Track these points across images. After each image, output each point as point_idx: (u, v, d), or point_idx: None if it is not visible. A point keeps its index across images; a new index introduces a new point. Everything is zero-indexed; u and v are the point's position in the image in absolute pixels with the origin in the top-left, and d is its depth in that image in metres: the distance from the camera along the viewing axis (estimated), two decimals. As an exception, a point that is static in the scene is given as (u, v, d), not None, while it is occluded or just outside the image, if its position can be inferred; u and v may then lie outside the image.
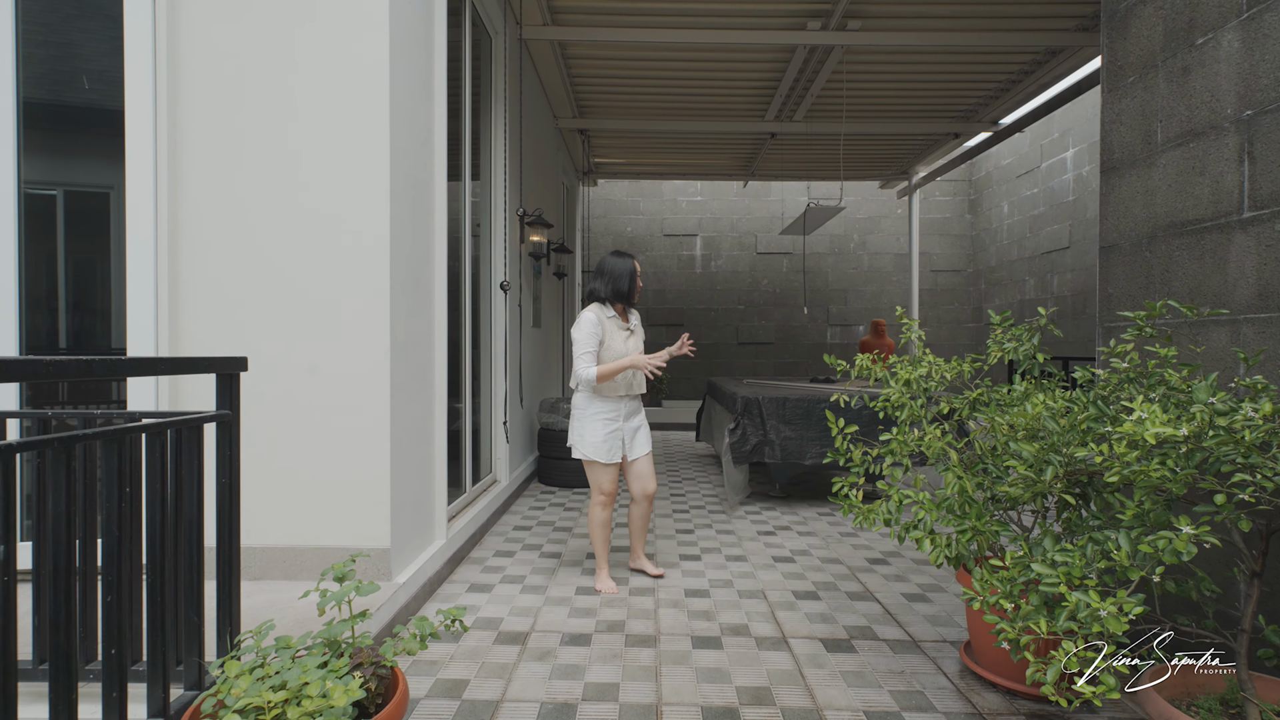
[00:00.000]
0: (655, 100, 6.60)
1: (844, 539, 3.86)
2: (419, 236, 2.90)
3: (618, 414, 3.01)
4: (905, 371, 2.26)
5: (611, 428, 2.99)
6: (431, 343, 3.04)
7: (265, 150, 2.52)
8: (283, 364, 2.54)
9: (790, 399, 4.49)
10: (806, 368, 10.80)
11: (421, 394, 2.92)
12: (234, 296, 2.53)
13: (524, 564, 3.35)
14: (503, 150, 4.46)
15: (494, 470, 4.47)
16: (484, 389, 4.42)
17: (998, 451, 1.92)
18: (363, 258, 2.53)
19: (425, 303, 2.97)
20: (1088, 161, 7.99)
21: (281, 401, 2.54)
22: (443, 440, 3.09)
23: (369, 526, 2.55)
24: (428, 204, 3.00)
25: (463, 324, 3.76)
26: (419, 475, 2.89)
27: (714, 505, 4.67)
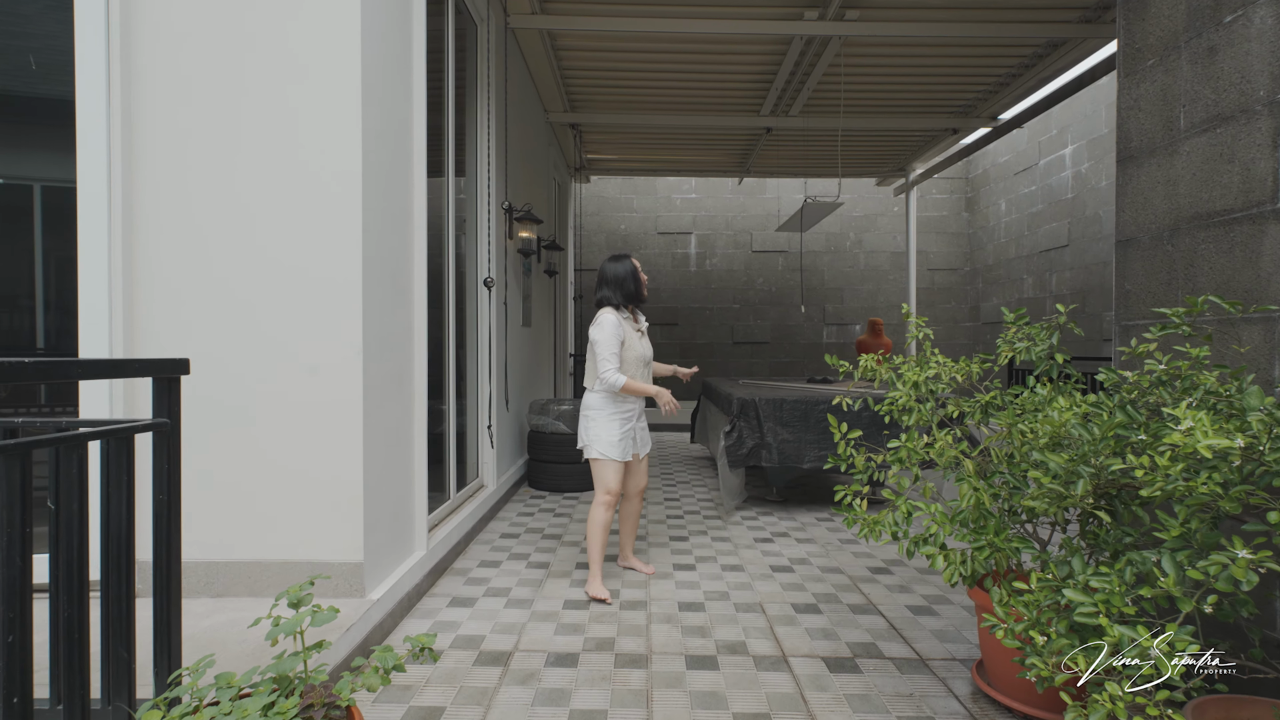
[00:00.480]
0: (648, 94, 6.45)
1: (844, 546, 3.71)
2: (396, 228, 2.73)
3: (633, 413, 3.04)
4: (913, 373, 2.11)
5: (627, 427, 3.01)
6: (411, 341, 2.88)
7: (224, 134, 2.35)
8: (245, 364, 2.37)
9: (788, 400, 4.35)
10: (803, 367, 10.67)
11: (400, 395, 2.75)
12: (182, 292, 2.36)
13: (510, 575, 3.19)
14: (489, 143, 4.30)
15: (481, 475, 4.30)
16: (470, 390, 4.26)
17: (1015, 460, 1.78)
18: (332, 248, 2.37)
19: (403, 298, 2.80)
20: (1087, 158, 7.88)
21: (244, 405, 2.37)
22: (423, 445, 2.93)
23: (340, 539, 2.38)
24: (405, 195, 2.84)
25: (445, 322, 3.60)
26: (397, 483, 2.72)
27: (709, 510, 4.51)
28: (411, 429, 2.88)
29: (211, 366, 2.36)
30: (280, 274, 2.37)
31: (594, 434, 2.97)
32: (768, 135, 7.35)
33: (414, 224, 2.91)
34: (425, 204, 2.94)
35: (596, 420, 2.98)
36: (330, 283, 2.37)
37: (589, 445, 2.99)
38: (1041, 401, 1.79)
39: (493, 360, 4.27)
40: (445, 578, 3.14)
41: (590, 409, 3.00)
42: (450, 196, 3.62)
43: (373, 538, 2.47)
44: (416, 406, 2.92)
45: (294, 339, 2.37)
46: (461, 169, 4.13)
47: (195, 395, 2.35)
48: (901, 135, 7.67)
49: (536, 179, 6.19)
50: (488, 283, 3.58)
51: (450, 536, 3.33)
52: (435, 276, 3.60)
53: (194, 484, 2.36)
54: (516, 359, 5.24)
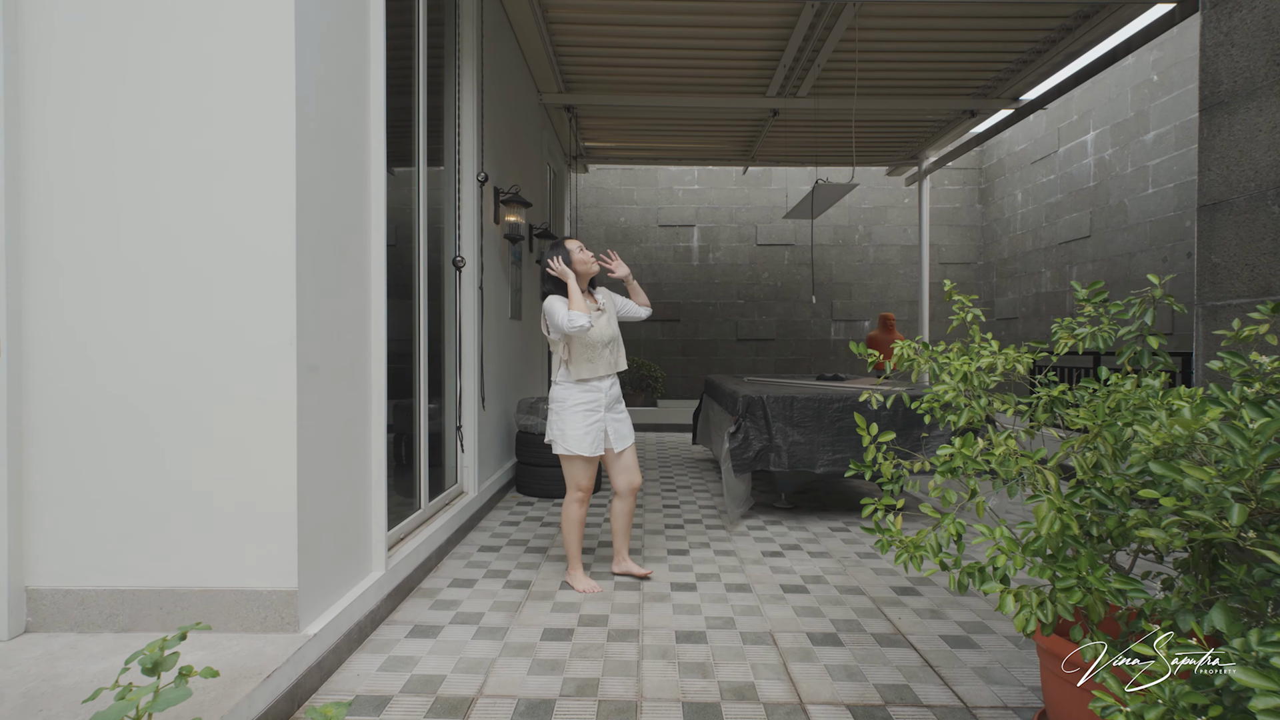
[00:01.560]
0: (647, 72, 6.05)
1: (863, 561, 3.31)
2: (347, 199, 2.34)
3: (598, 403, 2.91)
4: (962, 363, 1.71)
5: (593, 419, 2.89)
6: (366, 329, 2.49)
7: (113, 73, 1.96)
8: (147, 353, 1.98)
9: (799, 398, 3.95)
10: (810, 365, 10.26)
11: (352, 392, 2.37)
12: (63, 264, 1.97)
13: (484, 597, 2.80)
14: (472, 122, 3.91)
15: (460, 480, 3.91)
16: (450, 387, 3.87)
17: (1107, 473, 1.38)
18: (259, 210, 1.98)
19: (356, 279, 2.41)
20: (1110, 144, 7.46)
21: (146, 402, 1.98)
22: (382, 449, 2.54)
23: (269, 563, 1.99)
24: (359, 158, 2.45)
25: (416, 311, 3.21)
26: (347, 494, 2.33)
27: (712, 519, 4.12)
28: (367, 431, 2.49)
29: (107, 355, 1.97)
30: (191, 239, 1.98)
31: (558, 428, 2.90)
32: (774, 119, 6.95)
33: (371, 195, 2.52)
34: (384, 171, 2.55)
35: (560, 413, 2.90)
36: (256, 254, 1.98)
37: (554, 440, 2.92)
38: (1147, 396, 1.39)
39: (462, 353, 3.87)
40: (410, 600, 2.75)
41: (555, 401, 2.94)
42: (421, 167, 3.23)
43: (311, 560, 2.08)
44: (374, 405, 2.53)
45: (210, 322, 1.99)
46: (439, 157, 3.74)
47: (89, 389, 1.97)
48: (916, 119, 7.26)
49: (527, 163, 5.80)
50: (457, 263, 3.20)
51: (419, 552, 2.94)
52: (404, 260, 3.21)
53: (90, 495, 1.98)
54: (504, 354, 4.85)
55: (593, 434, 2.87)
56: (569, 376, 2.90)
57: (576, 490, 2.91)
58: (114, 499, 1.99)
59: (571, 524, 2.92)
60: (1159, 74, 6.72)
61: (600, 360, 2.90)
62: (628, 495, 3.02)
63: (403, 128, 3.15)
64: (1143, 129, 6.96)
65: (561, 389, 2.92)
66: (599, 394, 2.91)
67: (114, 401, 1.99)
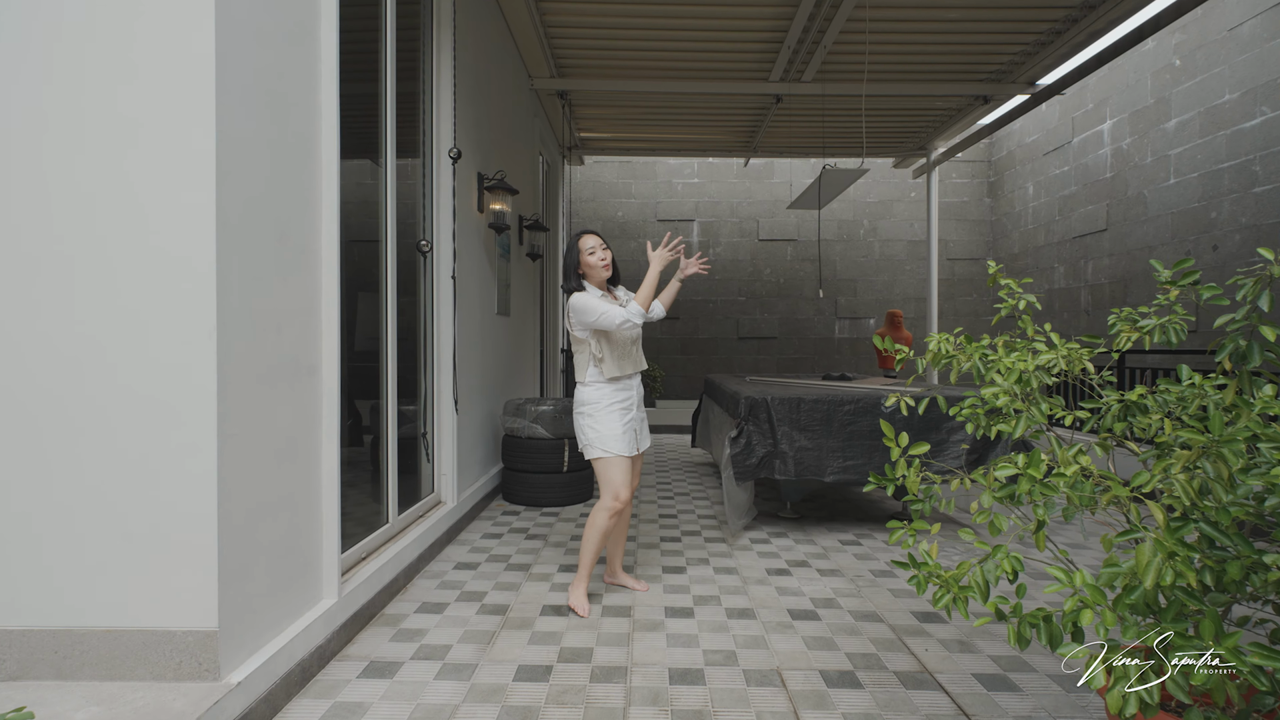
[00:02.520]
0: (644, 55, 5.72)
1: (878, 581, 3.00)
2: (289, 173, 2.03)
3: (632, 401, 2.77)
4: (1017, 359, 1.39)
5: (628, 417, 2.73)
6: (315, 324, 2.17)
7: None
8: (33, 341, 1.67)
9: (806, 400, 3.63)
10: (813, 364, 9.94)
11: (295, 397, 2.05)
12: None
13: (454, 625, 2.48)
14: (448, 95, 3.59)
15: (437, 489, 3.60)
16: (427, 388, 3.55)
17: (1215, 502, 1.06)
18: (170, 182, 1.66)
19: (302, 268, 2.10)
20: (1129, 133, 7.13)
21: (36, 404, 1.67)
22: (334, 461, 2.23)
23: (184, 598, 1.68)
24: (305, 133, 2.14)
25: (384, 305, 2.90)
26: (288, 515, 2.02)
27: (711, 530, 3.80)
28: (316, 440, 2.18)
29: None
30: (91, 211, 1.67)
31: (595, 430, 2.67)
32: (777, 106, 6.62)
33: (322, 171, 2.20)
34: (337, 144, 2.23)
35: (594, 414, 2.69)
36: (169, 230, 1.66)
37: (590, 445, 2.69)
38: (1264, 405, 1.07)
39: (433, 350, 3.54)
40: (370, 630, 2.43)
41: (586, 404, 2.71)
42: (389, 143, 2.91)
43: (238, 593, 1.76)
44: (325, 409, 2.21)
45: (114, 309, 1.67)
46: (413, 147, 3.42)
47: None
48: (924, 107, 6.93)
49: (517, 150, 5.48)
50: (421, 248, 2.87)
51: (383, 573, 2.63)
52: (372, 249, 2.90)
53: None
54: (490, 352, 4.53)
55: (629, 433, 2.71)
56: (600, 376, 2.71)
57: (615, 500, 2.65)
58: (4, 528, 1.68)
59: (598, 535, 2.65)
60: (1181, 58, 6.40)
61: (630, 357, 2.76)
62: (629, 501, 2.82)
63: (369, 103, 2.83)
64: (1163, 116, 6.63)
65: (593, 389, 2.71)
66: (632, 392, 2.77)
67: (17, 419, 1.67)
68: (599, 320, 2.61)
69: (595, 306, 2.61)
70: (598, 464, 2.69)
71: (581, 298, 2.65)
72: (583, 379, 2.74)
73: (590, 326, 2.65)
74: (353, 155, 2.84)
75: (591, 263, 2.75)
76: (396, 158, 2.94)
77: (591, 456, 2.70)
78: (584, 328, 2.68)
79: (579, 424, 2.73)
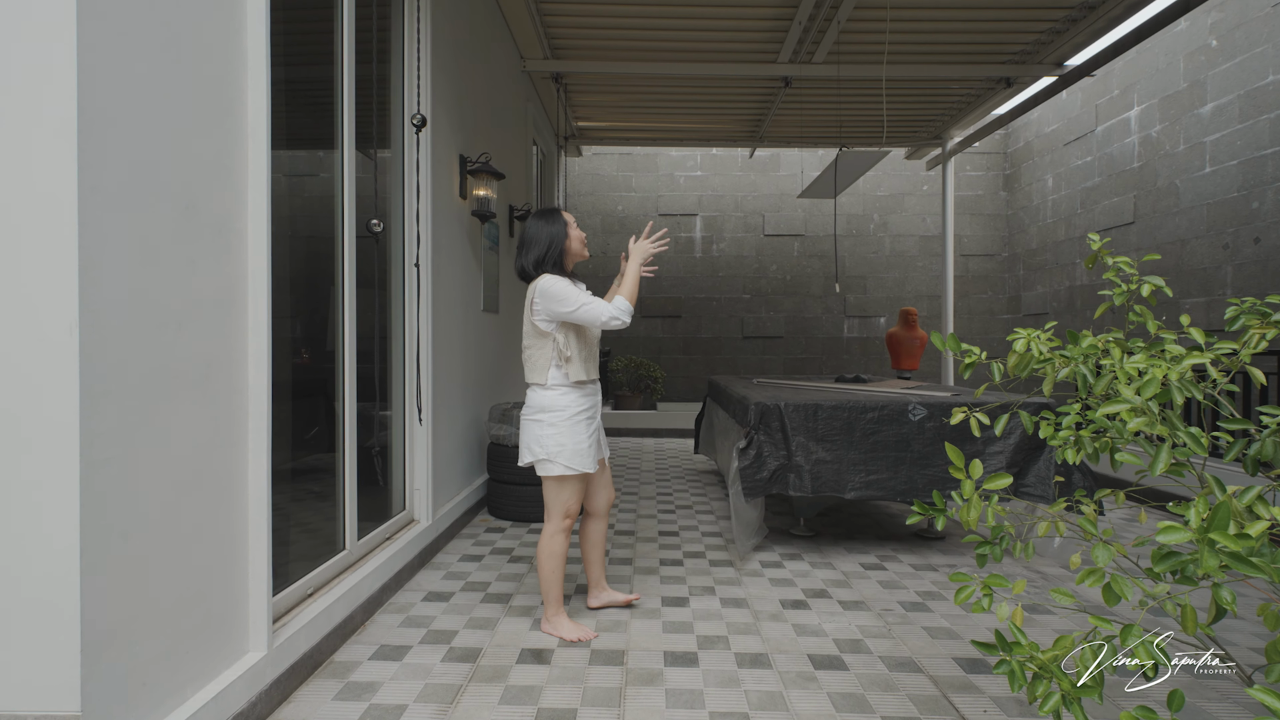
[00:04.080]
0: (644, 35, 5.33)
1: (910, 616, 2.60)
2: (198, 129, 1.65)
3: (597, 408, 2.47)
4: (1151, 364, 1.00)
5: (593, 427, 2.42)
6: (236, 319, 1.79)
7: None
8: None
9: (824, 407, 3.23)
10: (822, 364, 9.54)
11: (203, 409, 1.67)
12: None
13: (413, 677, 2.09)
14: (415, 61, 3.20)
15: (410, 506, 3.21)
16: (397, 393, 3.17)
17: None
18: (19, 124, 1.28)
19: (218, 250, 1.71)
20: (1158, 120, 6.72)
21: None
22: (264, 485, 1.84)
23: (37, 675, 1.29)
24: (223, 80, 1.75)
25: (340, 298, 2.51)
26: (192, 557, 1.63)
27: (717, 552, 3.41)
28: (236, 461, 1.79)
29: None
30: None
31: (559, 443, 2.32)
32: (786, 90, 6.22)
33: (249, 133, 1.82)
34: (268, 99, 1.84)
35: (558, 424, 2.33)
36: (18, 190, 1.28)
37: (551, 459, 2.32)
38: None
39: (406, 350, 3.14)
40: (312, 683, 2.04)
41: (549, 410, 2.34)
42: (345, 105, 2.52)
43: (115, 661, 1.38)
44: (252, 424, 1.83)
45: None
46: (384, 140, 3.04)
47: None
48: (942, 92, 6.53)
49: (507, 136, 5.09)
50: (372, 227, 2.47)
51: (335, 610, 2.24)
52: (337, 237, 2.51)
53: None
54: (474, 352, 4.15)
55: (594, 446, 2.42)
56: (565, 379, 2.36)
57: (565, 519, 2.39)
58: None
59: (556, 560, 2.39)
60: (1219, 38, 5.98)
61: (595, 359, 2.49)
62: (603, 516, 2.63)
63: (321, 58, 2.45)
64: (1198, 101, 6.22)
65: (559, 395, 2.35)
66: (597, 397, 2.48)
67: None
68: (579, 312, 2.27)
69: (575, 296, 2.28)
70: (552, 481, 2.36)
71: (557, 282, 2.30)
72: (541, 380, 2.37)
73: (563, 319, 2.31)
74: (311, 126, 2.45)
75: (575, 246, 2.42)
76: (356, 122, 2.55)
77: (548, 473, 2.34)
78: (552, 319, 2.33)
79: (534, 433, 2.35)
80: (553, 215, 2.40)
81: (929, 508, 1.70)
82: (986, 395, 3.55)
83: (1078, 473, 3.13)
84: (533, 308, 2.34)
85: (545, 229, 2.37)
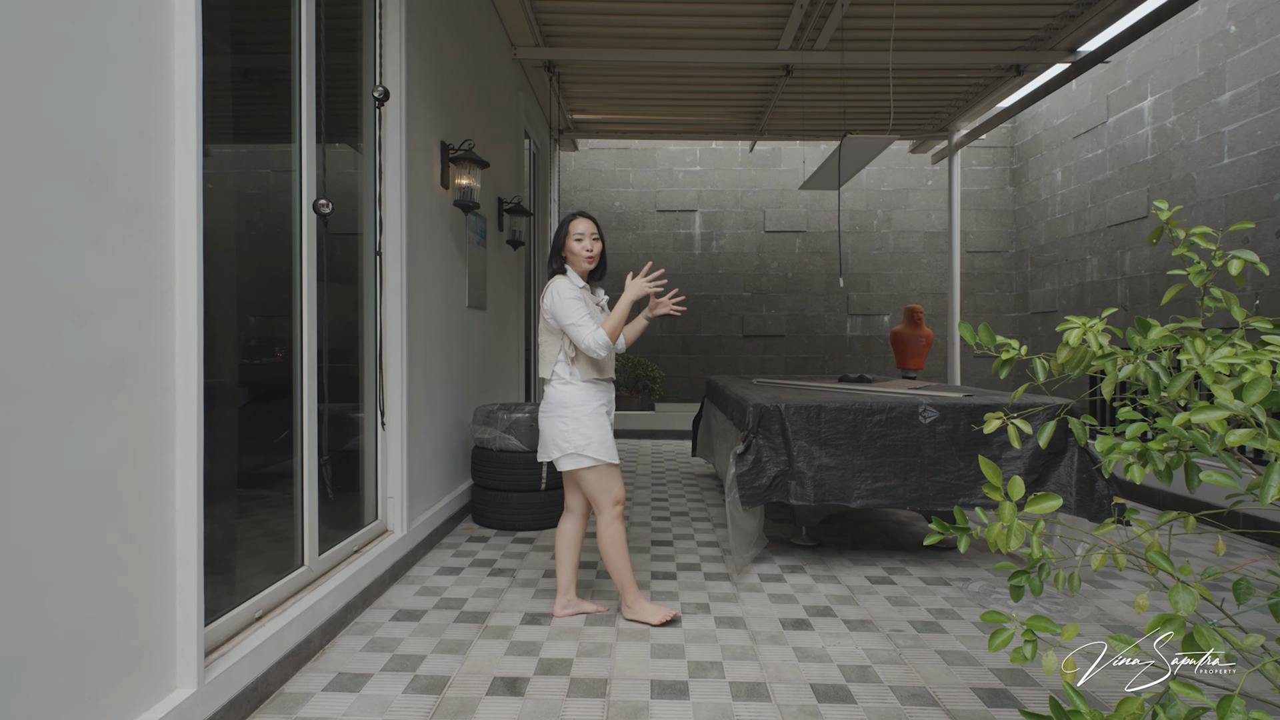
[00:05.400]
0: (637, 21, 5.10)
1: (922, 638, 2.38)
2: (104, 85, 1.43)
3: (612, 404, 2.57)
4: (1260, 357, 0.78)
5: (609, 422, 2.50)
6: (161, 310, 1.57)
7: None
8: None
9: (827, 409, 3.01)
10: (824, 364, 9.31)
11: (112, 417, 1.45)
12: None
13: (369, 712, 1.87)
14: (386, 38, 2.98)
15: (383, 516, 2.99)
16: (368, 395, 2.95)
17: None
18: None
19: (134, 227, 1.50)
20: (1173, 110, 6.48)
21: None
22: (193, 498, 1.62)
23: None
24: (139, 33, 1.54)
25: (297, 289, 2.29)
26: (98, 589, 1.42)
27: (713, 563, 3.19)
28: (158, 475, 1.57)
29: None
30: None
31: (584, 435, 2.39)
32: (787, 79, 6.00)
33: (175, 97, 1.60)
34: (198, 58, 1.62)
35: (580, 418, 2.40)
36: None
37: (576, 452, 2.38)
38: None
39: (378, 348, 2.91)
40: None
41: (568, 405, 2.41)
42: (303, 87, 2.31)
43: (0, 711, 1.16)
44: (180, 428, 1.61)
45: None
46: (348, 133, 2.82)
47: None
48: (949, 81, 6.30)
49: (495, 126, 4.87)
50: (319, 208, 2.23)
51: (287, 634, 2.02)
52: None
53: None
54: (459, 351, 3.93)
55: (611, 437, 2.50)
56: (580, 375, 2.45)
57: (615, 504, 2.47)
58: None
59: (620, 548, 2.47)
60: (1237, 23, 5.75)
61: (611, 360, 2.55)
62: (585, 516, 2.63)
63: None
64: (1216, 89, 5.98)
65: (575, 390, 2.44)
66: (611, 393, 2.57)
67: None
68: (569, 330, 2.39)
69: (573, 312, 2.37)
70: (587, 474, 2.41)
71: (565, 291, 2.40)
72: (558, 375, 2.46)
73: (561, 327, 2.42)
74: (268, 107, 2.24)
75: (576, 250, 2.48)
76: (316, 86, 2.33)
77: (576, 467, 2.40)
78: (558, 319, 2.42)
79: (556, 429, 2.41)
80: (570, 216, 2.52)
81: (949, 525, 1.49)
82: (995, 394, 3.32)
83: (1101, 479, 2.91)
84: (543, 304, 2.44)
85: (560, 226, 2.50)
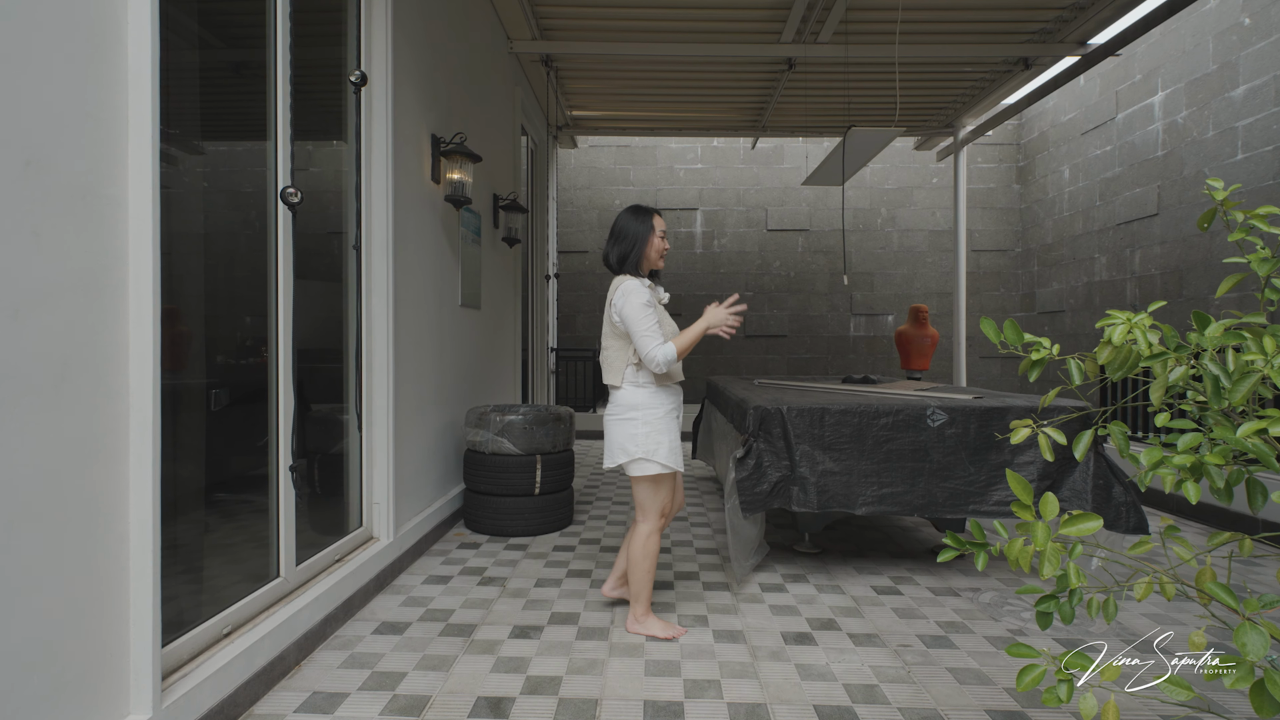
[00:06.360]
0: (636, 14, 4.98)
1: (932, 654, 2.26)
2: (37, 61, 1.32)
3: (680, 408, 2.47)
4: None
5: (678, 424, 2.43)
6: (118, 305, 1.46)
7: None
8: None
9: (831, 411, 2.89)
10: (827, 364, 9.18)
11: (54, 423, 1.34)
12: None
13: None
14: (365, 18, 2.87)
15: (368, 522, 2.88)
16: (352, 395, 2.83)
17: None
18: None
19: (80, 216, 1.39)
20: (1185, 105, 6.34)
21: None
22: (147, 511, 1.51)
23: None
24: (86, 15, 1.42)
25: (272, 283, 2.17)
26: (37, 608, 1.30)
27: (712, 572, 3.07)
28: (110, 483, 1.46)
29: None
30: None
31: (654, 440, 2.31)
32: (789, 74, 5.87)
33: (129, 75, 1.49)
34: (155, 33, 1.51)
35: (652, 421, 2.33)
36: None
37: (648, 457, 2.30)
38: None
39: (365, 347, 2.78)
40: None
41: (639, 408, 2.34)
42: (278, 57, 2.19)
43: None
44: (133, 437, 1.49)
45: None
46: (330, 121, 2.70)
47: None
48: (955, 75, 6.17)
49: (490, 120, 4.75)
50: (286, 196, 2.11)
51: (256, 652, 1.90)
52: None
53: None
54: (451, 351, 3.81)
55: (680, 445, 2.41)
56: (649, 379, 2.37)
57: (661, 517, 2.42)
58: None
59: (650, 561, 2.38)
60: (1252, 15, 5.61)
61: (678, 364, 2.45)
62: (670, 519, 2.55)
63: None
64: (1229, 83, 5.84)
65: (646, 393, 2.36)
66: (680, 396, 2.48)
67: None
68: (636, 337, 2.29)
69: (645, 320, 2.27)
70: (647, 481, 2.35)
71: (638, 295, 2.28)
72: (617, 382, 2.39)
73: (629, 330, 2.32)
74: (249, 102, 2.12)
75: (657, 247, 2.41)
76: (290, 61, 2.22)
77: (644, 473, 2.32)
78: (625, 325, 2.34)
79: (626, 432, 2.33)
80: (645, 214, 2.39)
81: (965, 541, 1.37)
82: (1005, 396, 3.19)
83: (1119, 485, 2.78)
84: (612, 305, 2.34)
85: (633, 226, 2.37)
